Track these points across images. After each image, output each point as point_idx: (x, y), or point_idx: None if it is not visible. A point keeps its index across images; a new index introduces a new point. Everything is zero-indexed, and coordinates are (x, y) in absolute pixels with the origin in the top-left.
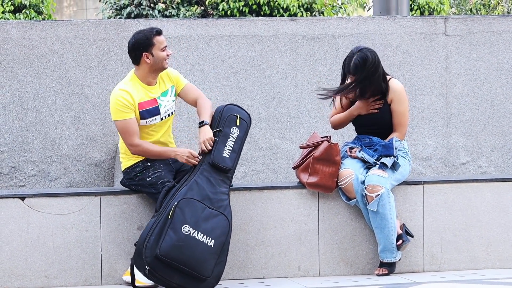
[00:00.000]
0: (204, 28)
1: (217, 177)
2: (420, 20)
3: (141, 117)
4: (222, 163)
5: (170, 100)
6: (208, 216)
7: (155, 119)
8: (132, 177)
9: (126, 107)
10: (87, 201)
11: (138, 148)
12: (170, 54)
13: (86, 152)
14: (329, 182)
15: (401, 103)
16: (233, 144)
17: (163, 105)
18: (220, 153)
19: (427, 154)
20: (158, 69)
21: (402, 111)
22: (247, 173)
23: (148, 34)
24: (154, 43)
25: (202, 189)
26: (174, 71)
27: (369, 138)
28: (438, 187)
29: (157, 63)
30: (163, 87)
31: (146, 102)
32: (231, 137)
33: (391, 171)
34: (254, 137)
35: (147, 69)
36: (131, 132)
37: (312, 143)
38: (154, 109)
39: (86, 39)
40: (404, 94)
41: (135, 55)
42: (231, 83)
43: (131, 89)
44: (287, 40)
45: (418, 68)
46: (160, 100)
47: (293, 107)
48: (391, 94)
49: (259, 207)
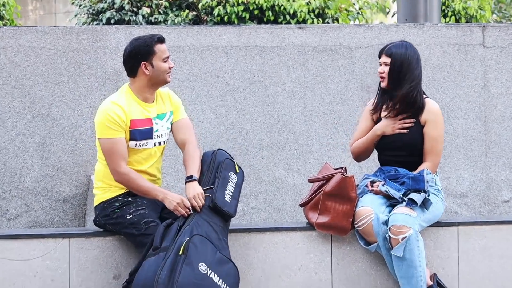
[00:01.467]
0: (196, 37)
1: (219, 223)
2: (453, 28)
3: (131, 137)
4: (225, 207)
5: (165, 126)
6: (221, 260)
7: (146, 143)
8: (109, 214)
9: (116, 124)
10: (53, 245)
11: (124, 177)
12: (172, 66)
13: (53, 186)
14: (343, 223)
15: (436, 127)
16: (233, 190)
17: (158, 130)
18: (222, 196)
19: (462, 189)
20: (157, 83)
21: (436, 136)
22: (245, 212)
23: (148, 41)
24: (155, 51)
25: (204, 232)
26: (177, 97)
27: (395, 169)
28: (476, 229)
29: (157, 75)
30: (161, 108)
31: (139, 121)
32: (230, 181)
33: (420, 209)
34: (254, 168)
35: (145, 82)
36: (119, 154)
37: (323, 175)
38: (147, 130)
39: (55, 49)
40: (441, 117)
41: (132, 64)
42: (227, 103)
43: (125, 103)
44: (295, 51)
45: (450, 86)
46: (155, 122)
47: (301, 132)
48: (426, 114)
49: (260, 253)
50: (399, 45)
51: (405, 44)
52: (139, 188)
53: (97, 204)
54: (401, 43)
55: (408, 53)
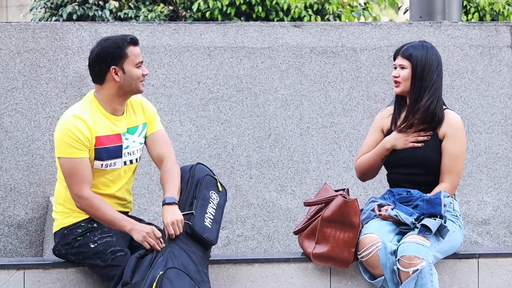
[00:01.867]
0: (173, 36)
1: (198, 253)
2: (476, 27)
3: (96, 157)
4: (205, 233)
5: (137, 142)
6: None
7: (114, 163)
8: (70, 242)
9: (79, 142)
10: (5, 277)
11: (87, 202)
12: (146, 74)
13: (5, 209)
14: (344, 253)
15: (457, 143)
16: (214, 212)
17: (129, 146)
18: (201, 220)
19: (484, 215)
20: (128, 92)
21: (456, 153)
22: (230, 240)
23: (119, 42)
24: (128, 54)
25: (181, 264)
26: (152, 106)
27: (406, 191)
28: (500, 262)
29: (128, 83)
30: (132, 121)
31: (106, 138)
32: (211, 202)
33: (435, 238)
34: (241, 189)
35: (114, 90)
36: (81, 177)
37: (321, 198)
38: (116, 148)
39: (7, 50)
40: (462, 132)
41: (99, 69)
42: (210, 114)
43: (89, 117)
44: (289, 54)
45: (472, 94)
46: (125, 138)
47: (297, 148)
48: (446, 127)
49: (248, 287)
50: (418, 45)
51: (425, 45)
52: (103, 217)
53: (57, 230)
54: (420, 43)
55: (429, 56)
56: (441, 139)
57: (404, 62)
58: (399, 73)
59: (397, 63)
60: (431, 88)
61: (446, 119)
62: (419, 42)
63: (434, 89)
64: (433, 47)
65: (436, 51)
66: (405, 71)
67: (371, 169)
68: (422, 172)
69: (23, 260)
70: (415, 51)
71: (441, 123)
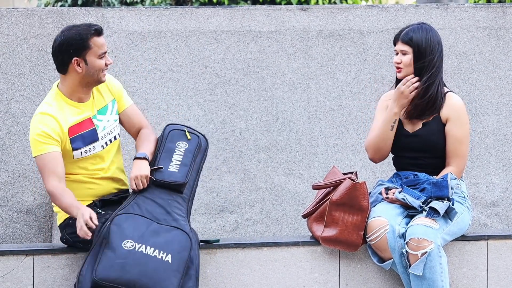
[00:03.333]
0: (180, 21)
1: (166, 197)
2: (483, 9)
3: (74, 147)
4: (169, 178)
5: (111, 120)
6: (158, 230)
7: (93, 147)
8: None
9: (47, 136)
10: (14, 263)
11: (51, 194)
12: (110, 63)
13: (14, 194)
14: (353, 237)
15: (460, 125)
16: (181, 158)
17: (102, 127)
18: (164, 170)
19: (492, 197)
20: (91, 83)
21: (460, 137)
22: (239, 224)
23: (83, 33)
24: (91, 45)
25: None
26: (117, 82)
27: (413, 174)
28: (509, 244)
29: (90, 74)
30: (100, 103)
31: (78, 125)
32: (177, 150)
33: (443, 220)
34: (249, 173)
35: (77, 81)
36: (49, 170)
37: (330, 181)
38: (90, 133)
39: (14, 36)
40: (465, 114)
41: (62, 59)
42: (217, 98)
43: (56, 111)
44: (296, 37)
45: (480, 76)
46: (97, 120)
47: (304, 131)
48: (448, 110)
49: (257, 272)
50: (417, 28)
51: (424, 27)
52: (61, 207)
53: (61, 222)
54: (419, 26)
55: (430, 38)
56: (444, 123)
57: (405, 47)
58: (401, 59)
59: (398, 49)
60: (431, 70)
61: (448, 102)
62: (418, 25)
63: (435, 71)
64: (432, 28)
65: (436, 32)
66: (407, 57)
67: (383, 142)
68: (428, 156)
69: (32, 245)
70: (415, 35)
71: (442, 106)
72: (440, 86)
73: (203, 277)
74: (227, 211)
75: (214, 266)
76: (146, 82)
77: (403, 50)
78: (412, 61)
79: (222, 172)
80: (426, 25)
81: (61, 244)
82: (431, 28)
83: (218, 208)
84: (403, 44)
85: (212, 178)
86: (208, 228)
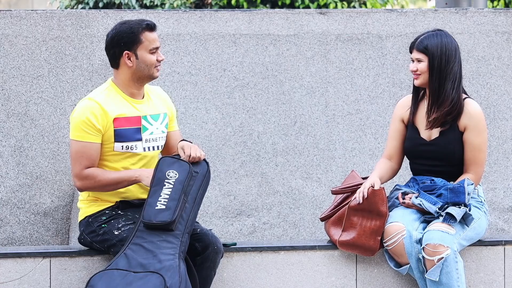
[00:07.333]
0: (199, 24)
1: (155, 239)
2: (501, 14)
3: (116, 139)
4: (156, 218)
5: (160, 130)
6: (131, 280)
7: (135, 145)
8: (95, 230)
9: (92, 127)
10: (31, 265)
11: (89, 177)
12: (162, 59)
13: (31, 197)
14: (371, 241)
15: (479, 133)
16: (170, 192)
17: (150, 131)
18: (152, 207)
19: (510, 203)
20: (143, 78)
21: (478, 144)
22: (256, 228)
23: (135, 27)
24: (142, 40)
25: (133, 259)
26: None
27: (430, 179)
28: None
29: (142, 69)
30: (154, 108)
31: (126, 119)
32: (166, 183)
33: (460, 226)
34: (267, 176)
35: (129, 75)
36: (87, 159)
37: (348, 186)
38: (135, 131)
39: (33, 38)
40: (483, 121)
41: (113, 53)
42: (236, 101)
43: (105, 101)
44: (315, 41)
45: (498, 81)
46: (148, 122)
47: (322, 135)
48: (466, 118)
49: (274, 275)
50: (432, 35)
51: (440, 33)
52: (109, 181)
53: (82, 219)
54: (434, 33)
55: (445, 45)
56: (462, 131)
57: (420, 55)
58: (416, 67)
59: (414, 57)
60: (451, 78)
61: (466, 109)
62: (433, 32)
63: (454, 79)
64: (448, 34)
65: (452, 38)
66: (422, 64)
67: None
68: (445, 164)
69: (49, 248)
70: (430, 42)
71: (460, 114)
72: (460, 94)
73: (220, 281)
74: (244, 214)
75: (231, 269)
76: (164, 85)
77: (418, 58)
78: (427, 69)
79: (239, 175)
80: (442, 32)
81: (78, 247)
82: (447, 34)
83: (236, 211)
84: (418, 52)
85: (229, 182)
86: (225, 231)
